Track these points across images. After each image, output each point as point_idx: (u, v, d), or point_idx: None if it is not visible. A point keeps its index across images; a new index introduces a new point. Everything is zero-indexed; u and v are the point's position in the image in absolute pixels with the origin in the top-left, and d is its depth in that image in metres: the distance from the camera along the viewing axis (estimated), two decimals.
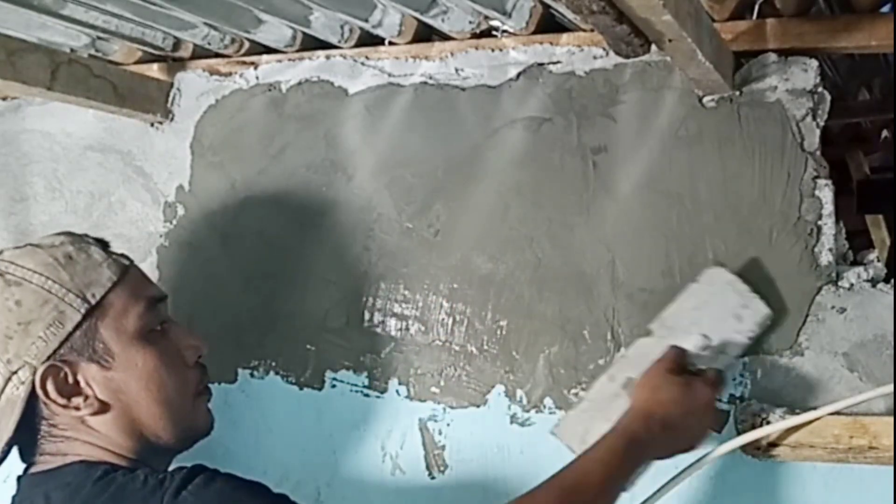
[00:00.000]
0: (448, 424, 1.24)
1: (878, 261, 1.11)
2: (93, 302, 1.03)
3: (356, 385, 1.30)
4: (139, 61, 1.50)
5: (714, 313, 1.10)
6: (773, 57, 1.13)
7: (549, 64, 1.24)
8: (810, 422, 1.03)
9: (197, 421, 1.11)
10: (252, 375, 1.36)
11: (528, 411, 1.20)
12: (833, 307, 1.08)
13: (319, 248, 1.34)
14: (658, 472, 1.11)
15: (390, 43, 1.34)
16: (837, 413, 1.02)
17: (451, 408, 1.24)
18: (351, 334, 1.31)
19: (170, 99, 1.47)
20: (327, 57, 1.38)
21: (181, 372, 1.09)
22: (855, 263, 1.11)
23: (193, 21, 1.33)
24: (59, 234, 1.11)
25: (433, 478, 1.24)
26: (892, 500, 1.01)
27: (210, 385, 1.15)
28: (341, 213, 1.33)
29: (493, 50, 1.27)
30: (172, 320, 1.13)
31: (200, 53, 1.46)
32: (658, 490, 1.05)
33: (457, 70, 1.29)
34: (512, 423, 1.21)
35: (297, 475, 1.31)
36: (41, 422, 1.04)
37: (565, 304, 1.19)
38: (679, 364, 1.07)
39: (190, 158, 1.45)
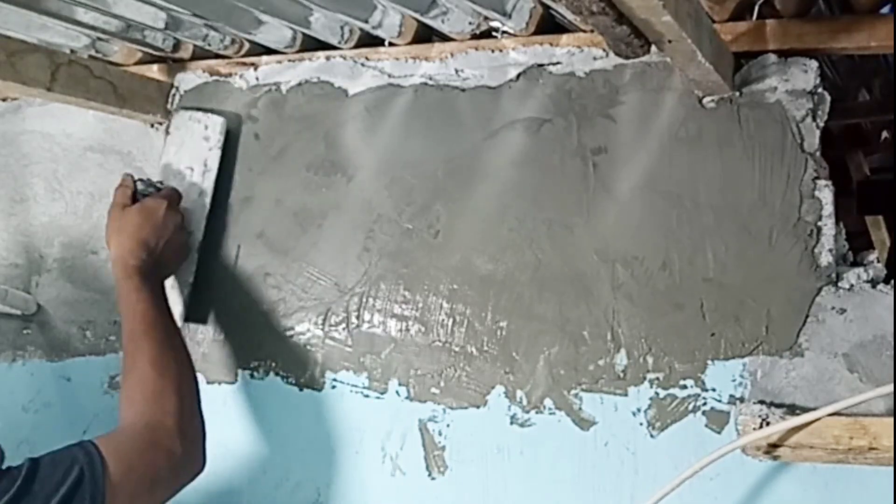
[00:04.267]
0: (448, 425, 1.24)
1: (878, 262, 1.11)
2: None
3: (356, 386, 1.30)
4: (139, 62, 1.50)
5: (188, 143, 1.38)
6: (772, 58, 1.13)
7: (548, 65, 1.24)
8: (810, 423, 1.02)
9: None
10: (252, 376, 1.36)
11: (528, 412, 1.20)
12: (833, 308, 1.08)
13: (319, 249, 1.34)
14: (659, 474, 1.11)
15: (390, 44, 1.34)
16: (837, 414, 1.02)
17: (451, 408, 1.24)
18: (351, 335, 1.31)
19: (170, 100, 1.47)
20: (327, 58, 1.38)
21: None
22: (855, 264, 1.11)
23: (194, 22, 1.33)
24: None
25: (433, 478, 1.24)
26: (893, 500, 1.01)
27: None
28: (341, 214, 1.33)
29: (492, 51, 1.27)
30: None
31: (200, 54, 1.46)
32: (660, 492, 1.05)
33: (457, 71, 1.30)
34: (512, 423, 1.21)
35: (297, 475, 1.32)
36: None
37: (565, 304, 1.19)
38: (126, 197, 1.30)
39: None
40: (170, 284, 1.34)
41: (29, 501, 0.97)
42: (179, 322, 1.33)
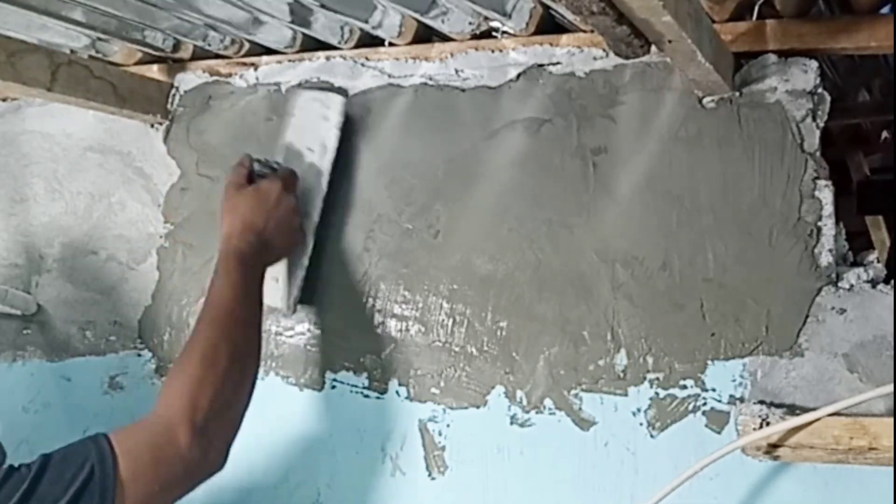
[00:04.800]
0: (448, 425, 1.24)
1: (878, 262, 1.11)
2: None
3: (356, 386, 1.30)
4: (139, 62, 1.50)
5: (306, 124, 1.32)
6: (772, 58, 1.13)
7: (548, 65, 1.24)
8: (810, 423, 1.02)
9: None
10: None
11: (528, 412, 1.20)
12: (833, 308, 1.08)
13: (319, 248, 1.34)
14: (659, 474, 1.11)
15: (390, 44, 1.34)
16: (837, 414, 1.02)
17: (451, 409, 1.24)
18: (351, 335, 1.31)
19: (170, 100, 1.47)
20: (327, 58, 1.38)
21: None
22: (855, 264, 1.11)
23: (194, 22, 1.33)
24: None
25: (433, 478, 1.24)
26: (893, 500, 1.01)
27: None
28: (341, 214, 1.33)
29: (492, 51, 1.27)
30: None
31: (200, 54, 1.46)
32: (660, 493, 1.05)
33: (457, 71, 1.30)
34: (512, 423, 1.21)
35: (297, 476, 1.32)
36: None
37: (565, 304, 1.19)
38: (242, 177, 1.25)
39: (190, 159, 1.45)
40: (282, 269, 1.29)
41: (36, 502, 0.96)
42: (291, 307, 1.30)
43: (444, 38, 1.30)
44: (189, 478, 1.07)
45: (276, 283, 1.28)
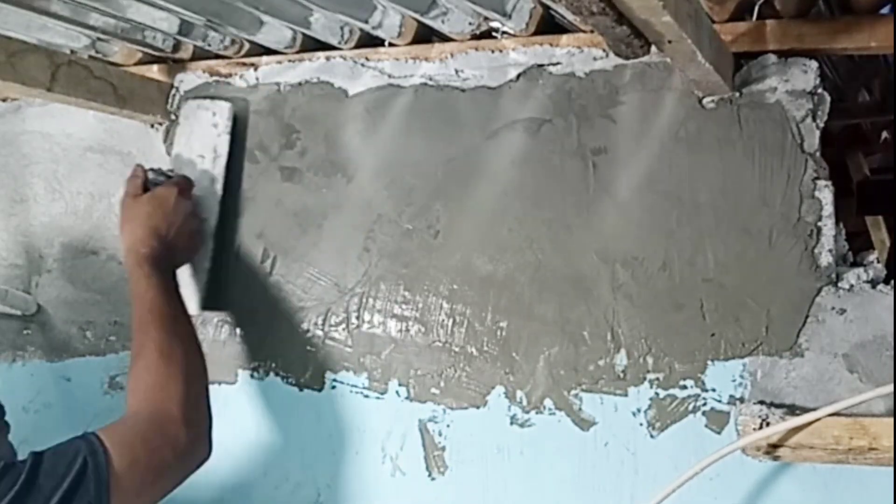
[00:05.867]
0: (448, 425, 1.24)
1: (878, 262, 1.11)
2: None
3: (356, 386, 1.30)
4: (139, 62, 1.50)
5: (198, 131, 1.39)
6: (772, 58, 1.13)
7: (548, 65, 1.24)
8: (810, 423, 1.03)
9: None
10: (252, 376, 1.36)
11: (528, 412, 1.20)
12: (833, 308, 1.08)
13: (319, 249, 1.34)
14: (659, 474, 1.12)
15: (390, 44, 1.34)
16: (837, 414, 1.02)
17: (451, 409, 1.24)
18: (351, 335, 1.31)
19: (170, 100, 1.47)
20: (327, 58, 1.38)
21: None
22: (855, 265, 1.11)
23: (194, 22, 1.33)
24: None
25: (433, 479, 1.24)
26: (893, 500, 1.01)
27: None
28: (341, 214, 1.33)
29: (492, 51, 1.27)
30: None
31: (200, 55, 1.46)
32: (661, 493, 1.05)
33: (457, 71, 1.30)
34: (512, 424, 1.21)
35: (297, 476, 1.32)
36: None
37: (565, 305, 1.19)
38: (137, 187, 1.30)
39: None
40: (186, 272, 1.33)
41: (34, 495, 0.98)
42: (196, 310, 1.33)
43: (444, 39, 1.30)
44: (181, 467, 1.10)
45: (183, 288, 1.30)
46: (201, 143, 1.39)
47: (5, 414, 1.15)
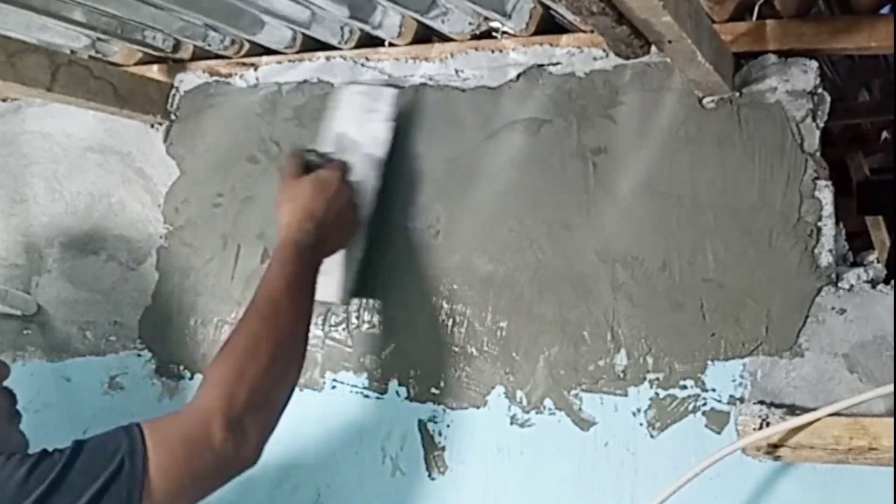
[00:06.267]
0: (448, 425, 1.24)
1: (878, 262, 1.11)
2: None
3: (356, 386, 1.30)
4: (139, 62, 1.50)
5: (354, 117, 1.30)
6: (772, 58, 1.13)
7: (548, 65, 1.24)
8: (810, 423, 1.02)
9: (10, 446, 1.06)
10: None
11: (528, 412, 1.20)
12: (833, 308, 1.08)
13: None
14: (659, 474, 1.11)
15: (390, 44, 1.34)
16: (837, 414, 1.02)
17: (451, 409, 1.24)
18: (351, 335, 1.31)
19: (170, 100, 1.47)
20: (327, 58, 1.38)
21: None
22: (855, 265, 1.11)
23: (194, 22, 1.33)
24: None
25: (433, 478, 1.24)
26: (893, 501, 1.01)
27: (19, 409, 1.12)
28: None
29: (492, 51, 1.27)
30: None
31: (200, 55, 1.46)
32: (662, 494, 1.05)
33: (457, 71, 1.30)
34: (512, 424, 1.21)
35: (297, 476, 1.31)
36: None
37: (565, 304, 1.19)
38: (297, 167, 1.23)
39: (190, 159, 1.45)
40: (338, 261, 1.25)
41: (64, 491, 0.95)
42: (345, 299, 1.27)
43: (444, 39, 1.30)
44: (221, 473, 1.05)
45: (329, 277, 1.23)
46: (360, 128, 1.29)
47: (17, 403, 1.12)
